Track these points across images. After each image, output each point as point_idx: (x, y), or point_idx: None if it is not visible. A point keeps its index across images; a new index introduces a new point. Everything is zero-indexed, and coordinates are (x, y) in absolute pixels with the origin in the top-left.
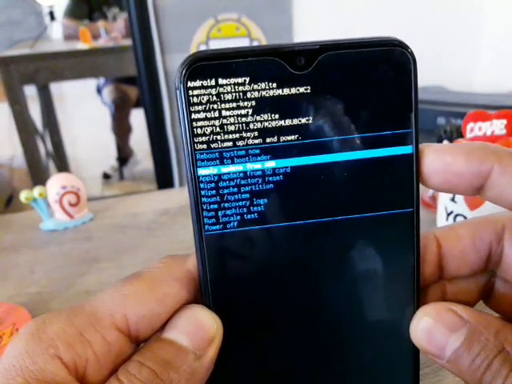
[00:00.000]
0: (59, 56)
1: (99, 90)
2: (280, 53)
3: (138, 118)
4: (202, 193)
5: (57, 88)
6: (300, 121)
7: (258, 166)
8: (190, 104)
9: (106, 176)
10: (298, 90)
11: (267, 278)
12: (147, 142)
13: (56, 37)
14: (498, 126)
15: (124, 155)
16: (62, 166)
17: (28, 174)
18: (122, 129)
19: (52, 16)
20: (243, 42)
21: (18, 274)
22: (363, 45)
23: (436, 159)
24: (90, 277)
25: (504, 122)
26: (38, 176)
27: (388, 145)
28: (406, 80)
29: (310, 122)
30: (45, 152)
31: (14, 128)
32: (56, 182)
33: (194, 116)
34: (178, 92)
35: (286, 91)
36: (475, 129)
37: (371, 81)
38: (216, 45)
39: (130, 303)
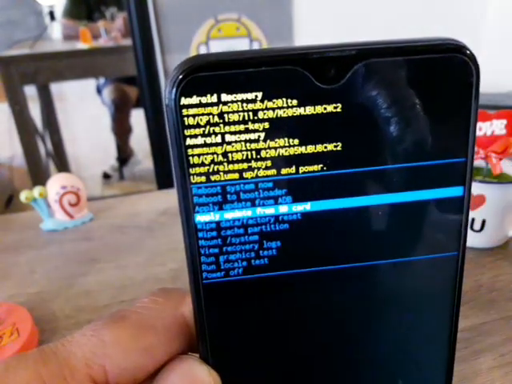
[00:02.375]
0: (59, 56)
1: (99, 90)
2: (303, 60)
3: (138, 118)
4: (200, 234)
5: (57, 88)
6: (326, 147)
7: (270, 202)
8: (184, 126)
9: (106, 176)
10: (325, 109)
11: (275, 333)
12: (147, 142)
13: (56, 37)
14: (498, 126)
15: (124, 155)
16: (62, 165)
17: (28, 173)
18: (122, 129)
19: (52, 16)
20: (243, 42)
21: (18, 274)
22: (412, 50)
23: None
24: (89, 277)
25: (504, 122)
26: (38, 176)
27: (435, 183)
28: (467, 96)
29: (339, 149)
30: (45, 152)
31: (14, 128)
32: (56, 182)
33: (189, 142)
34: (168, 110)
35: (310, 110)
36: None
37: (420, 98)
38: (216, 45)
39: (111, 353)
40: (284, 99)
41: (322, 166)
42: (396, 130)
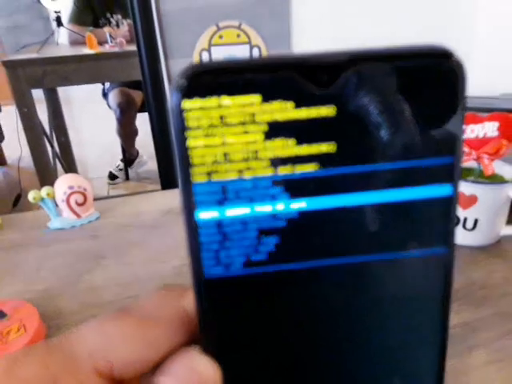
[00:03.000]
0: (66, 60)
1: (105, 95)
2: (299, 66)
3: (143, 120)
4: (201, 231)
5: (63, 92)
6: (321, 148)
7: (267, 200)
8: (186, 128)
9: (112, 177)
10: (320, 112)
11: (275, 327)
12: (152, 144)
13: (62, 42)
14: (490, 128)
15: (129, 157)
16: (69, 167)
17: (36, 174)
18: (127, 132)
19: (59, 21)
20: (244, 49)
21: (25, 272)
22: (401, 56)
23: None
24: (95, 274)
25: (496, 124)
26: (46, 177)
27: (425, 181)
28: (453, 100)
29: (333, 149)
30: (52, 154)
31: (22, 130)
32: (63, 182)
33: (191, 142)
34: (171, 113)
35: (305, 113)
36: (467, 131)
37: (409, 101)
38: (218, 51)
39: (115, 346)
40: (280, 103)
41: (317, 165)
42: (387, 132)
